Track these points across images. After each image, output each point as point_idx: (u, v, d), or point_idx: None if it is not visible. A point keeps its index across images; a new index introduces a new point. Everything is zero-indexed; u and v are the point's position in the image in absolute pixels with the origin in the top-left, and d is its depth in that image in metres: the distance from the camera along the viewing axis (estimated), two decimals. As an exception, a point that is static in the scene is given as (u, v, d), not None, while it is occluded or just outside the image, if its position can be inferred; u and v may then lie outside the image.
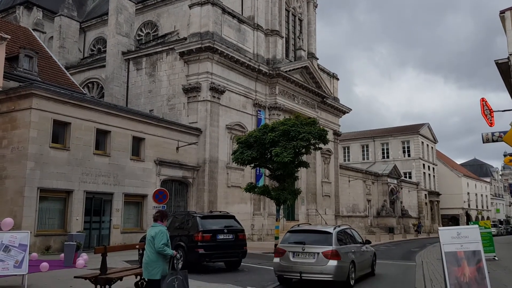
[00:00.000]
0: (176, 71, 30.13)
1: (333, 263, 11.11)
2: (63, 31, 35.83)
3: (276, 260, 11.89)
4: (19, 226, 16.88)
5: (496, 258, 18.01)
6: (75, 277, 9.88)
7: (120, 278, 9.59)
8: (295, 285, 11.99)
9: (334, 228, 12.36)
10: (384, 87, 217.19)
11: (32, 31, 29.80)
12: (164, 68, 30.83)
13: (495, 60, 20.71)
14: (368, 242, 14.81)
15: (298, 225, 14.15)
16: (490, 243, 18.17)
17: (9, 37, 21.95)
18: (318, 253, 11.24)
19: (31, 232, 14.38)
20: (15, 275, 10.75)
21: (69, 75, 28.12)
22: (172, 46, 30.32)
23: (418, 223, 54.87)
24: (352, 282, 11.77)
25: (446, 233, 9.43)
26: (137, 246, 12.21)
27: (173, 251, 7.39)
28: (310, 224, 18.42)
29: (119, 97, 31.94)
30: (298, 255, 11.46)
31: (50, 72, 25.74)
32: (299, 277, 11.34)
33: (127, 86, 32.46)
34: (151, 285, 7.38)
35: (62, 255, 15.76)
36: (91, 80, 35.39)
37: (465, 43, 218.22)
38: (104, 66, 33.46)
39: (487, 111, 17.89)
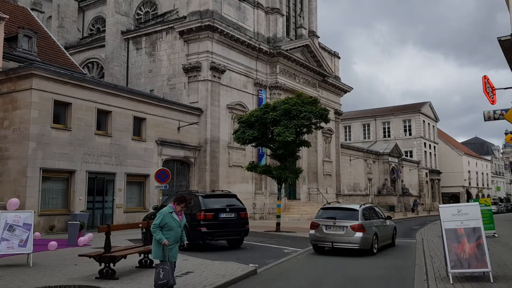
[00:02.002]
0: (176, 51, 29.92)
1: (359, 234, 13.46)
2: (62, 10, 35.42)
3: (312, 232, 14.31)
4: (22, 206, 16.99)
5: (496, 235, 18.17)
6: (79, 255, 10.00)
7: (124, 256, 9.71)
8: (327, 253, 13.85)
9: (360, 206, 14.63)
10: (384, 65, 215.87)
11: (30, 10, 29.50)
12: (164, 48, 30.60)
13: (497, 37, 20.38)
14: (389, 217, 16.94)
15: (329, 203, 16.43)
16: (490, 220, 18.30)
17: (7, 16, 21.73)
18: (346, 226, 13.60)
19: (35, 212, 14.50)
20: (20, 254, 10.88)
21: (68, 55, 27.95)
22: (171, 25, 30.04)
23: (414, 201, 53.80)
24: (375, 250, 14.01)
25: (446, 211, 9.51)
26: (140, 225, 12.36)
27: (164, 238, 7.11)
28: (339, 202, 21.90)
29: (120, 77, 31.80)
30: (330, 228, 13.89)
31: (50, 52, 25.58)
32: (331, 246, 13.86)
33: (127, 66, 32.28)
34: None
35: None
36: (91, 60, 35.17)
37: (466, 19, 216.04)
38: (103, 46, 33.22)
39: (489, 89, 17.78)
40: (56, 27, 35.31)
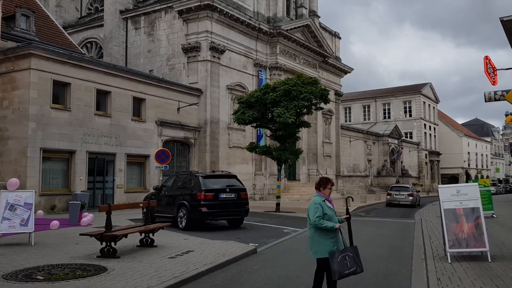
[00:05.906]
0: (175, 30, 29.63)
1: (411, 197, 28.99)
2: (59, -11, 34.96)
3: (388, 197, 30.13)
4: (23, 186, 17.05)
5: (494, 216, 18.30)
6: (80, 234, 10.05)
7: (125, 236, 9.78)
8: (393, 206, 26.61)
9: (410, 184, 35.19)
10: (381, 45, 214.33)
11: (27, -11, 29.05)
12: (163, 27, 30.30)
13: (500, 18, 20.11)
14: (418, 191, 31.29)
15: (397, 181, 43.09)
16: (489, 201, 18.42)
17: (4, -5, 21.45)
18: (405, 194, 29.27)
19: (35, 192, 14.55)
20: (22, 233, 10.96)
21: (67, 34, 27.66)
22: (170, 4, 29.66)
23: (396, 182, 48.58)
24: (416, 206, 28.81)
25: (445, 191, 9.54)
26: (141, 205, 12.40)
27: (335, 224, 6.07)
28: (399, 182, 44.00)
29: (118, 57, 31.56)
30: (397, 195, 29.47)
31: (48, 32, 25.32)
32: (398, 203, 28.82)
33: (126, 46, 32.01)
34: (318, 264, 6.27)
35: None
36: (89, 40, 34.86)
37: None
38: (102, 25, 32.88)
39: (490, 69, 17.66)
40: (54, 6, 34.89)
